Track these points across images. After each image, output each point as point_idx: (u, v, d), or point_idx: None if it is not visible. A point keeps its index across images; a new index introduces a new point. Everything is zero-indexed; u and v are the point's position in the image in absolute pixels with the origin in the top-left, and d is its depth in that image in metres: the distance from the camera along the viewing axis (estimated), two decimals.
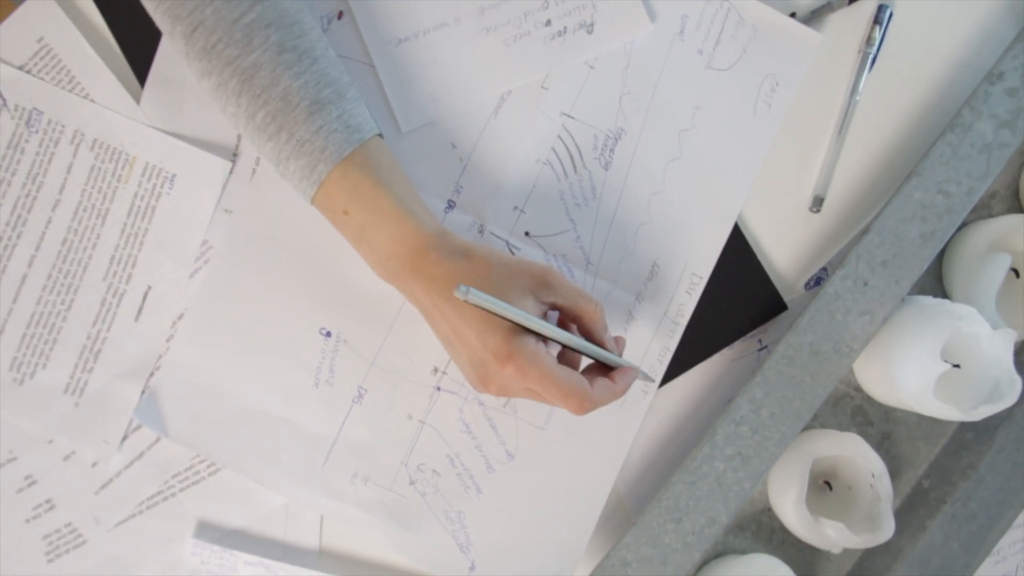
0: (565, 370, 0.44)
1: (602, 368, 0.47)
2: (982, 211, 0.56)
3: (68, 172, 0.54)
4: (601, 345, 0.47)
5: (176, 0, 0.45)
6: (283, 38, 0.46)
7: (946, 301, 0.50)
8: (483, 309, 0.41)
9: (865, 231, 0.51)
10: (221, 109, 0.48)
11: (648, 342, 0.53)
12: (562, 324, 0.48)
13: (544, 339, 0.45)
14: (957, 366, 0.49)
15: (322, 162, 0.45)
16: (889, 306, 0.50)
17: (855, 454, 0.51)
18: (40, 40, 0.54)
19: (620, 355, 0.48)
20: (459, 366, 0.47)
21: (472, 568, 0.51)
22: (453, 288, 0.42)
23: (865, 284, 0.50)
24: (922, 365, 0.48)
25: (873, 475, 0.51)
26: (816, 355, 0.50)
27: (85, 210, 0.53)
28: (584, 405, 0.44)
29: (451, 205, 0.53)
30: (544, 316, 0.46)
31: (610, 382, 0.46)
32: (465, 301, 0.40)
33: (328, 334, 0.52)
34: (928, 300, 0.51)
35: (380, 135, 0.48)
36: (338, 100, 0.46)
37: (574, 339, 0.45)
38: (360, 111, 0.47)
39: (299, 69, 0.46)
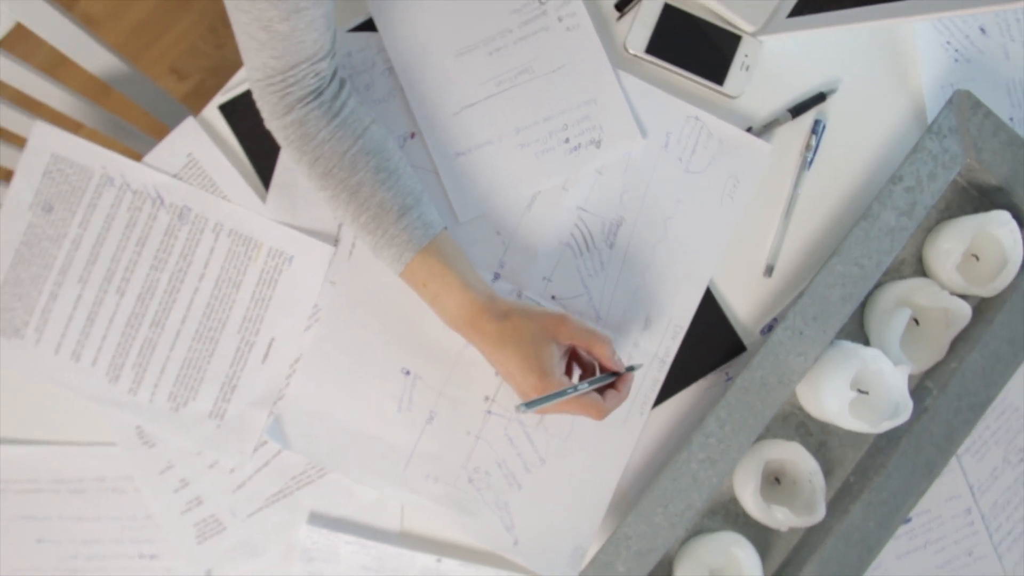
0: (586, 394, 0.62)
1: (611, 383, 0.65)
2: (894, 274, 0.75)
3: (211, 253, 0.72)
4: (608, 367, 0.64)
5: (303, 140, 0.63)
6: (378, 162, 0.64)
7: (859, 345, 0.68)
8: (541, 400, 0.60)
9: (801, 294, 0.69)
10: (331, 211, 0.66)
11: (643, 376, 0.71)
12: (575, 354, 0.66)
13: (567, 370, 0.64)
14: (866, 392, 0.68)
15: (407, 251, 0.64)
16: (819, 349, 0.68)
17: (797, 458, 0.69)
18: (189, 155, 0.72)
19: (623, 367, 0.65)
20: (514, 391, 0.65)
21: (516, 543, 0.69)
22: (504, 343, 0.61)
23: (801, 333, 0.68)
24: (840, 392, 0.66)
25: (811, 473, 0.69)
26: (765, 385, 0.68)
27: (224, 282, 0.72)
28: (600, 413, 0.62)
29: (497, 276, 0.71)
30: (565, 354, 0.64)
31: (615, 391, 0.64)
32: (528, 408, 0.59)
33: (407, 372, 0.70)
34: (847, 344, 0.69)
35: (445, 228, 0.66)
36: (416, 205, 0.64)
37: (585, 386, 0.62)
38: (432, 212, 0.65)
39: (389, 184, 0.64)
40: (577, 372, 0.67)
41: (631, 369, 0.65)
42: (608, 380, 0.64)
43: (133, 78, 0.85)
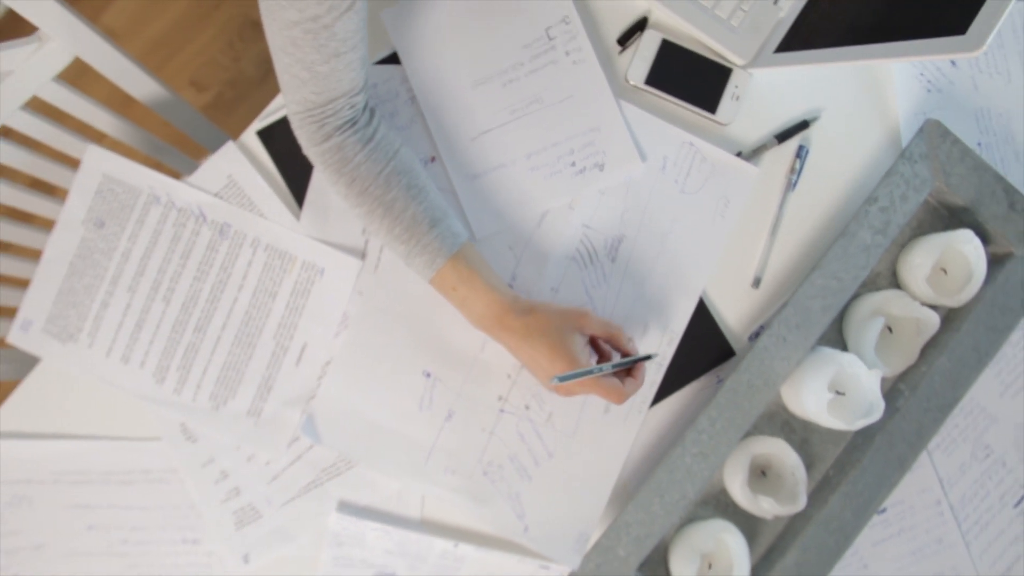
0: (607, 377, 0.69)
1: (627, 371, 0.72)
2: (870, 286, 0.82)
3: (249, 266, 0.79)
4: (626, 351, 0.72)
5: (340, 163, 0.70)
6: (409, 180, 0.71)
7: (837, 351, 0.75)
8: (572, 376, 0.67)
9: (785, 304, 0.76)
10: (366, 225, 0.73)
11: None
12: (594, 342, 0.73)
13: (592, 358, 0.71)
14: (843, 394, 0.75)
15: (439, 257, 0.70)
16: (801, 354, 0.76)
17: (781, 453, 0.76)
18: (229, 176, 0.79)
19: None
20: (538, 379, 0.71)
21: (526, 530, 0.76)
22: (531, 335, 0.68)
23: (784, 340, 0.75)
24: (819, 393, 0.73)
25: (794, 467, 0.76)
26: (752, 387, 0.75)
27: (260, 292, 0.79)
28: (620, 397, 0.69)
29: (510, 287, 0.78)
30: (587, 345, 0.71)
31: (632, 378, 0.71)
32: (563, 380, 0.66)
33: (428, 375, 0.77)
34: (826, 350, 0.76)
35: (470, 238, 0.73)
36: (444, 218, 0.71)
37: (608, 367, 0.69)
38: (457, 224, 0.72)
39: (420, 199, 0.71)
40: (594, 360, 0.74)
41: (648, 358, 0.72)
42: (627, 364, 0.71)
43: (175, 105, 0.92)
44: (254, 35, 1.67)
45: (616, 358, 0.72)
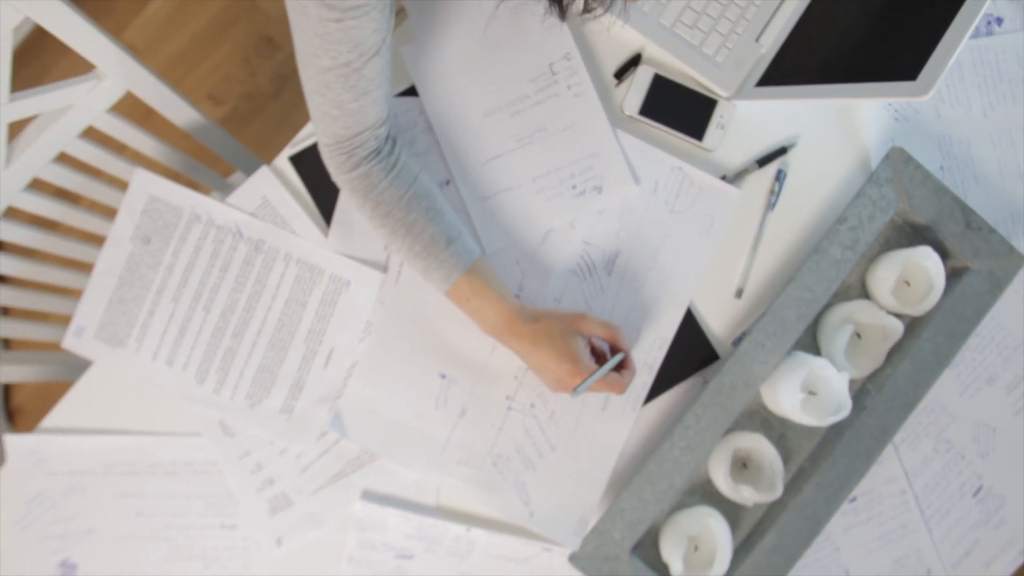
0: (608, 374, 0.78)
1: (620, 365, 0.81)
2: (842, 296, 0.90)
3: (281, 278, 0.87)
4: (623, 347, 0.80)
5: (367, 189, 0.78)
6: (427, 203, 0.79)
7: (810, 355, 0.84)
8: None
9: (764, 313, 0.85)
10: (388, 243, 0.81)
11: (634, 380, 0.87)
12: (593, 346, 0.81)
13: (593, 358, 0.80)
14: (815, 394, 0.84)
15: (455, 272, 0.79)
16: (778, 359, 0.84)
17: (761, 447, 0.85)
18: (263, 197, 0.88)
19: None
20: (544, 380, 0.80)
21: (531, 515, 0.85)
22: (538, 340, 0.78)
23: (763, 345, 0.84)
24: (793, 393, 0.82)
25: (772, 459, 0.84)
26: (734, 388, 0.84)
27: (292, 302, 0.87)
28: (622, 388, 0.79)
29: (517, 297, 0.86)
30: (587, 345, 0.79)
31: (627, 370, 0.80)
32: (577, 394, 0.75)
33: (443, 376, 0.86)
34: (801, 355, 0.85)
35: (482, 254, 0.82)
36: (459, 236, 0.80)
37: (607, 367, 0.78)
38: (471, 242, 0.81)
39: (438, 220, 0.79)
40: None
41: (625, 353, 0.82)
42: (619, 359, 0.80)
43: (210, 129, 1.00)
44: (268, 51, 1.75)
45: (608, 356, 0.81)
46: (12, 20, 0.66)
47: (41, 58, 1.68)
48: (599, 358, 0.82)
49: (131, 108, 1.12)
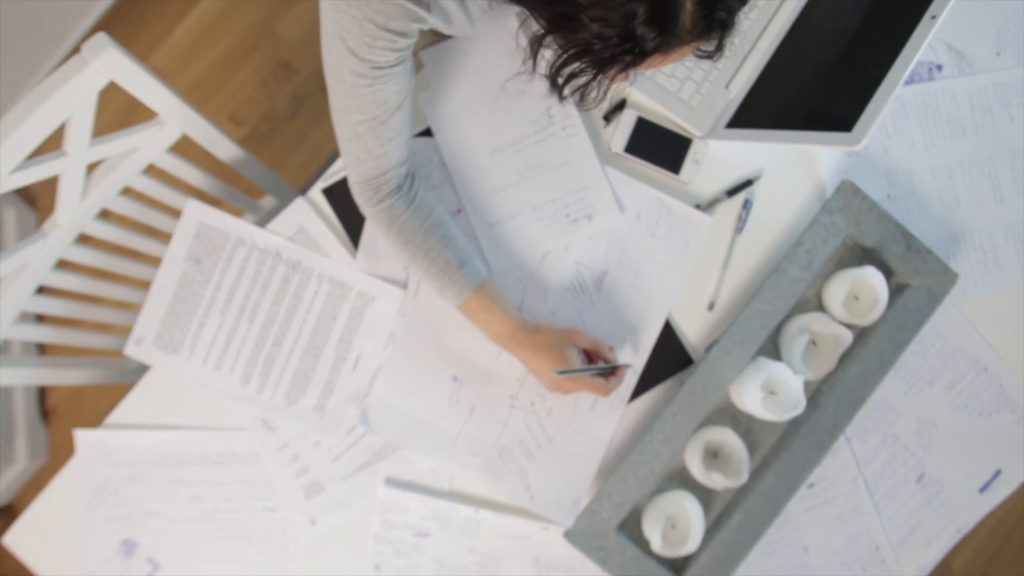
0: (595, 377, 0.91)
1: (611, 372, 0.93)
2: (800, 309, 1.04)
3: (315, 295, 1.01)
4: (608, 359, 0.93)
5: (391, 220, 0.91)
6: (442, 232, 0.93)
7: (771, 360, 0.98)
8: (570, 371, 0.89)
9: (732, 324, 0.98)
10: (407, 266, 0.94)
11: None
12: (586, 355, 0.94)
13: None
14: (774, 393, 0.97)
15: (465, 290, 0.92)
16: (743, 363, 0.98)
17: (729, 439, 0.98)
18: (299, 224, 1.01)
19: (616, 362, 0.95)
20: (542, 383, 0.93)
21: (532, 498, 0.98)
22: (538, 349, 0.90)
23: (731, 352, 0.98)
24: (755, 393, 0.95)
25: (739, 450, 0.98)
26: (706, 388, 0.97)
27: (324, 315, 1.00)
28: (605, 391, 0.91)
29: (519, 311, 1.00)
30: (580, 354, 0.92)
31: (615, 378, 0.93)
32: (561, 374, 0.88)
33: (456, 379, 0.99)
34: (763, 360, 0.98)
35: (489, 274, 0.95)
36: (470, 260, 0.93)
37: (595, 368, 0.91)
38: (480, 264, 0.94)
39: (451, 246, 0.92)
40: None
41: (626, 366, 0.94)
42: (608, 368, 0.92)
43: (249, 161, 1.13)
44: (285, 75, 1.88)
45: (600, 364, 0.95)
46: (98, 84, 0.79)
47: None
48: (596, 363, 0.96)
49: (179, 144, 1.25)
